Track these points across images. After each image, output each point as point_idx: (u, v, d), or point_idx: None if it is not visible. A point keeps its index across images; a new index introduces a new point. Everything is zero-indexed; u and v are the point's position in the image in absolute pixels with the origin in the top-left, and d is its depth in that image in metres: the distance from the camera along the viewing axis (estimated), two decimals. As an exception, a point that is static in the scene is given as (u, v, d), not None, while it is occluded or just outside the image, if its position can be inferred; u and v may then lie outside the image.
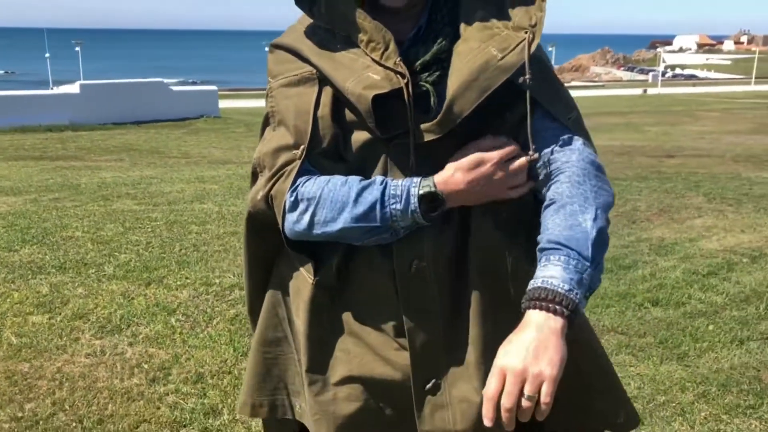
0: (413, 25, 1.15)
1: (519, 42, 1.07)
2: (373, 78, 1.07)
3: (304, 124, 1.14)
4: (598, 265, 1.05)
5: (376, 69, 1.09)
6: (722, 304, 3.83)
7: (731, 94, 49.71)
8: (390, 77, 1.07)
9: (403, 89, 1.06)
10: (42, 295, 3.95)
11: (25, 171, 12.03)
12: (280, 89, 1.19)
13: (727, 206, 6.64)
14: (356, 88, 1.07)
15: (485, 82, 1.05)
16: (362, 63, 1.10)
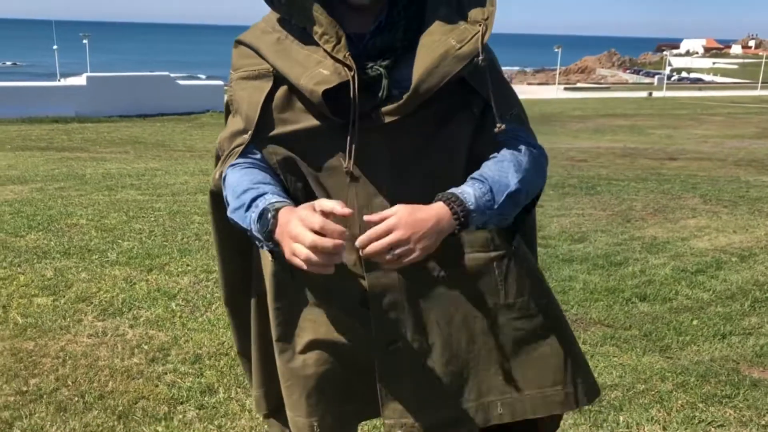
0: (375, 19, 1.26)
1: (474, 34, 1.21)
2: (323, 73, 1.19)
3: (253, 113, 1.26)
4: (500, 213, 1.22)
5: (327, 63, 1.20)
6: (708, 300, 3.93)
7: (737, 99, 49.65)
8: (339, 70, 1.19)
9: (350, 80, 1.18)
10: (47, 278, 4.07)
11: (32, 161, 12.16)
12: (238, 81, 1.32)
13: (722, 208, 6.73)
14: (308, 84, 1.20)
15: (445, 68, 1.19)
16: (314, 59, 1.22)
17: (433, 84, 1.19)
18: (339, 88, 1.19)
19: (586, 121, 29.66)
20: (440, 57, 1.19)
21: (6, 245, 4.76)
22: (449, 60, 1.19)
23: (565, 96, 53.55)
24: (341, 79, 1.18)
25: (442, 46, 1.20)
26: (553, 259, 4.70)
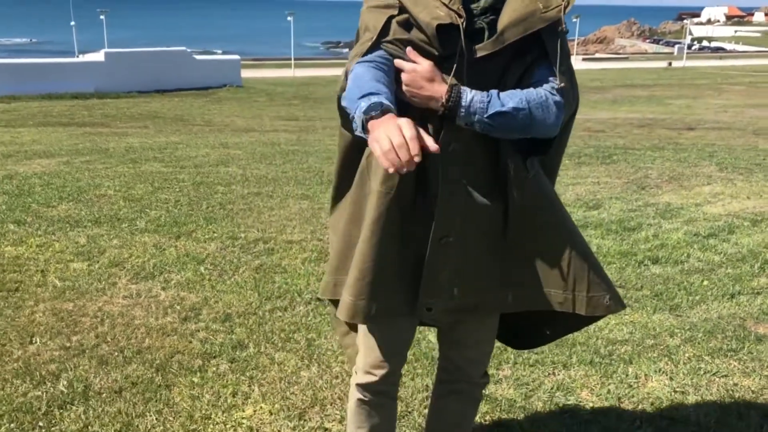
0: None
1: (557, 5, 1.52)
2: (438, 13, 1.50)
3: (377, 24, 1.57)
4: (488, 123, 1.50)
5: (443, 9, 1.51)
6: (719, 262, 4.03)
7: (759, 68, 48.83)
8: (452, 16, 1.50)
9: (460, 24, 1.49)
10: (80, 245, 4.25)
11: (55, 136, 12.39)
12: (368, 9, 1.63)
13: (738, 175, 6.79)
14: (426, 17, 1.51)
15: (528, 24, 1.50)
16: (434, 4, 1.52)
17: (516, 33, 1.50)
18: (448, 31, 1.49)
19: (604, 92, 29.39)
20: (527, 14, 1.50)
21: (39, 215, 4.95)
22: (534, 18, 1.50)
23: (584, 67, 52.91)
24: (452, 21, 1.49)
25: (531, 6, 1.51)
26: (567, 225, 4.80)
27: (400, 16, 1.55)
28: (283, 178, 6.53)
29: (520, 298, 1.70)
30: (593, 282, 1.67)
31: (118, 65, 27.59)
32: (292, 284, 3.63)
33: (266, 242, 4.36)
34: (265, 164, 7.45)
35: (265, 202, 5.43)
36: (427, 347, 2.88)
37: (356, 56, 1.58)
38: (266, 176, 6.60)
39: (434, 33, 1.50)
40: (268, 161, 7.70)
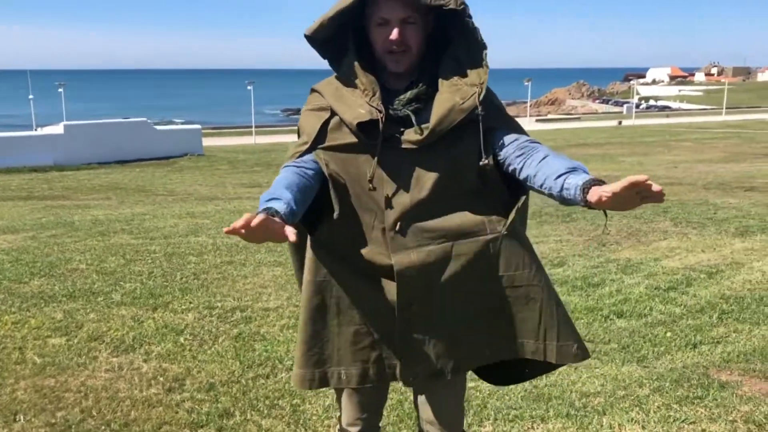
0: (408, 79, 1.81)
1: (472, 94, 1.75)
2: (360, 111, 1.74)
3: (312, 131, 1.82)
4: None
5: (365, 107, 1.75)
6: (680, 314, 4.23)
7: (704, 125, 50.85)
8: (372, 112, 1.73)
9: (379, 119, 1.72)
10: (57, 320, 4.27)
11: (16, 210, 12.27)
12: (306, 112, 1.88)
13: (692, 229, 7.10)
14: (350, 118, 1.75)
15: (451, 117, 1.73)
16: (358, 103, 1.76)
17: (443, 127, 1.73)
18: (374, 125, 1.72)
19: (559, 152, 30.17)
20: (449, 110, 1.74)
21: (12, 292, 4.94)
22: (455, 112, 1.73)
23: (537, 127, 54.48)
24: (372, 117, 1.73)
25: (450, 102, 1.74)
26: (535, 283, 4.98)
27: (333, 118, 1.80)
28: (254, 245, 6.62)
29: (496, 351, 1.85)
30: (562, 332, 1.82)
31: (78, 137, 27.52)
32: (272, 351, 3.70)
33: (243, 311, 4.43)
34: (234, 233, 7.52)
35: (239, 271, 5.51)
36: (409, 408, 2.98)
37: (291, 156, 1.82)
38: (237, 244, 6.68)
39: (357, 131, 1.74)
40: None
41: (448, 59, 1.80)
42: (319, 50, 1.83)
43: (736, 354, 3.56)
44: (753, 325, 4.01)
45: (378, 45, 1.78)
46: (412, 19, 1.75)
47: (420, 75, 1.80)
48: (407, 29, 1.75)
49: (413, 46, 1.77)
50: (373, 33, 1.78)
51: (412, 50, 1.77)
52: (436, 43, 1.83)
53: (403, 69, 1.79)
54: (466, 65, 1.78)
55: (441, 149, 1.76)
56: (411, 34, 1.76)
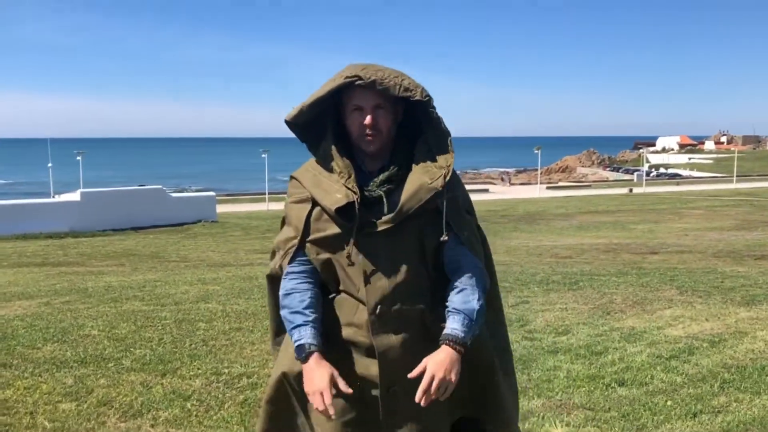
0: (382, 162, 2.03)
1: (439, 176, 1.96)
2: (336, 196, 1.93)
3: (299, 224, 2.02)
4: (478, 324, 1.95)
5: (341, 190, 1.94)
6: (681, 383, 4.27)
7: (715, 192, 51.08)
8: (347, 194, 1.93)
9: (355, 201, 1.91)
10: (68, 386, 4.36)
11: (31, 276, 12.46)
12: (290, 204, 2.08)
13: (697, 298, 7.14)
14: (328, 204, 1.95)
15: (419, 196, 1.93)
16: (335, 188, 1.96)
17: (412, 205, 1.93)
18: (351, 206, 1.91)
19: (570, 219, 30.38)
20: (417, 188, 1.94)
21: (25, 357, 5.05)
22: (423, 190, 1.93)
23: (548, 195, 54.83)
24: (349, 200, 1.92)
25: (419, 181, 1.95)
26: (538, 351, 5.04)
27: (314, 209, 1.99)
28: (263, 312, 6.71)
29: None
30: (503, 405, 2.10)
31: (94, 204, 28.07)
32: (277, 417, 3.76)
33: (249, 377, 4.51)
34: (243, 299, 7.64)
35: (247, 337, 5.60)
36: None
37: (284, 254, 2.04)
38: (246, 311, 6.79)
39: (335, 214, 1.93)
40: (247, 296, 7.89)
41: (421, 145, 2.02)
42: (299, 134, 2.05)
43: (735, 423, 3.59)
44: (754, 394, 4.04)
45: (353, 129, 2.00)
46: (382, 105, 1.98)
47: (392, 158, 2.03)
48: (379, 114, 1.98)
49: (384, 129, 2.00)
50: (348, 118, 2.01)
51: (383, 133, 2.00)
52: (407, 129, 2.05)
53: (375, 149, 2.00)
54: (435, 150, 2.00)
55: (412, 230, 1.96)
56: (382, 119, 1.99)
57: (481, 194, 52.72)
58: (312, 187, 2.01)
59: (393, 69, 1.99)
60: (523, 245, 17.98)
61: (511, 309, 6.61)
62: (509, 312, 6.46)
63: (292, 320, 1.96)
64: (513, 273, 9.60)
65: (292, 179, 2.11)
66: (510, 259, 13.72)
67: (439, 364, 1.85)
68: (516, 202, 44.17)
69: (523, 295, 7.48)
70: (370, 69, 1.96)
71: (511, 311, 6.50)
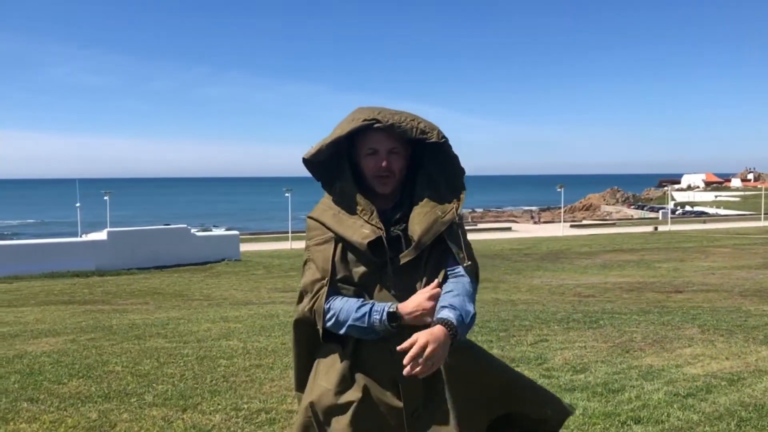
0: (393, 201, 2.15)
1: (451, 209, 2.08)
2: (365, 233, 2.03)
3: (326, 265, 2.09)
4: (468, 329, 2.00)
5: (366, 226, 2.04)
6: (697, 420, 4.26)
7: (742, 230, 50.41)
8: (374, 230, 2.03)
9: (382, 236, 2.02)
10: (92, 420, 4.47)
11: (58, 314, 12.68)
12: (314, 246, 2.15)
13: (719, 336, 7.09)
14: (358, 239, 2.03)
15: (435, 229, 2.05)
16: (359, 224, 2.06)
17: (428, 238, 2.04)
18: (379, 242, 2.02)
19: (594, 257, 30.11)
20: (432, 222, 2.05)
21: (51, 392, 5.18)
22: (438, 224, 2.05)
23: (572, 233, 54.49)
24: (376, 235, 2.02)
25: (433, 216, 2.06)
26: (555, 389, 5.05)
27: (336, 249, 2.06)
28: (283, 349, 6.80)
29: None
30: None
31: (120, 243, 28.47)
32: (294, 452, 3.83)
33: (268, 412, 4.58)
34: (264, 336, 7.73)
35: (266, 374, 5.68)
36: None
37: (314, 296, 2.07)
38: (266, 348, 6.87)
39: (367, 249, 2.01)
40: (268, 333, 7.99)
41: (425, 178, 2.12)
42: (314, 173, 2.14)
43: (750, 461, 3.58)
44: (771, 432, 4.02)
45: (368, 170, 2.10)
46: (397, 149, 2.09)
47: (402, 196, 2.14)
48: (392, 158, 2.08)
49: (397, 171, 2.10)
50: (363, 160, 2.10)
51: (396, 175, 2.10)
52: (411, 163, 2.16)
53: (389, 191, 2.11)
54: (444, 185, 2.11)
55: (429, 260, 2.07)
56: (396, 162, 2.09)
57: (504, 233, 52.58)
58: (335, 224, 2.08)
59: (407, 112, 2.09)
60: (546, 284, 17.90)
61: (530, 347, 6.62)
62: (528, 350, 6.48)
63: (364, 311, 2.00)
64: (534, 311, 9.60)
65: (310, 219, 2.17)
66: (532, 297, 13.68)
67: (433, 336, 1.87)
68: (539, 240, 43.95)
69: (542, 333, 7.48)
70: (386, 112, 2.05)
71: (529, 349, 6.52)
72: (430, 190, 2.10)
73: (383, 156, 2.07)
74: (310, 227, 2.17)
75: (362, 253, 2.02)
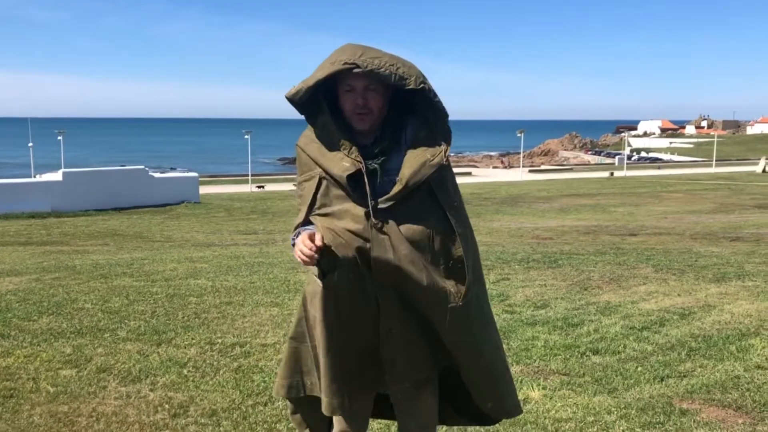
0: (372, 136, 2.19)
1: (440, 152, 2.12)
2: (345, 166, 2.09)
3: (308, 197, 2.18)
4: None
5: (347, 159, 2.10)
6: (651, 351, 4.52)
7: (694, 176, 51.73)
8: (354, 163, 2.09)
9: (362, 169, 2.07)
10: (67, 354, 4.53)
11: (17, 255, 12.52)
12: (300, 182, 2.25)
13: (672, 275, 7.42)
14: (338, 171, 2.10)
15: (424, 171, 2.08)
16: (339, 157, 2.12)
17: (416, 180, 2.07)
18: (358, 175, 2.08)
19: (551, 202, 30.68)
20: (421, 165, 2.09)
21: (21, 328, 5.21)
22: (426, 167, 2.08)
23: (531, 178, 55.21)
24: (356, 168, 2.07)
25: (422, 158, 2.10)
26: (518, 323, 5.28)
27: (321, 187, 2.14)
28: (252, 288, 6.90)
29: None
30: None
31: (76, 184, 27.93)
32: (270, 382, 3.97)
33: (242, 346, 4.70)
34: (232, 276, 7.81)
35: (238, 311, 5.79)
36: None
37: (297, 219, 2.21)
38: (235, 287, 6.97)
39: (345, 182, 2.07)
40: (235, 273, 8.07)
41: (418, 123, 2.16)
42: (297, 108, 2.18)
43: (699, 386, 3.84)
44: (718, 361, 4.30)
45: (346, 107, 2.15)
46: (374, 86, 2.13)
47: (383, 131, 2.17)
48: (369, 95, 2.13)
49: (375, 109, 2.15)
50: (342, 97, 2.16)
51: (374, 113, 2.15)
52: (397, 104, 2.20)
53: (366, 127, 2.16)
54: (433, 128, 2.14)
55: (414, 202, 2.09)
56: (373, 100, 2.14)
57: (464, 177, 52.99)
58: (319, 156, 2.15)
59: (389, 55, 2.10)
60: (505, 227, 18.26)
61: (492, 285, 6.84)
62: (491, 288, 6.69)
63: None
64: (494, 252, 9.85)
65: (298, 149, 2.25)
66: (492, 239, 13.97)
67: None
68: (498, 185, 44.48)
69: (504, 272, 7.72)
70: (367, 56, 2.06)
71: (492, 287, 6.73)
72: (423, 134, 2.14)
73: (359, 94, 2.12)
74: (300, 160, 2.25)
75: (343, 186, 2.08)
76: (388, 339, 2.13)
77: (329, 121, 2.14)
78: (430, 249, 2.09)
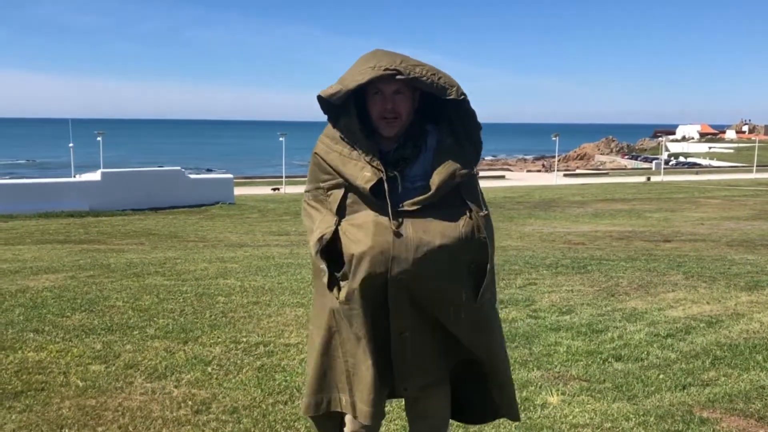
0: (395, 143, 2.19)
1: (469, 162, 2.15)
2: (367, 175, 2.10)
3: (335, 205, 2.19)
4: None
5: (368, 168, 2.10)
6: (675, 358, 4.48)
7: (733, 182, 50.68)
8: (375, 172, 2.09)
9: (382, 178, 2.08)
10: (97, 350, 4.66)
11: (55, 253, 12.83)
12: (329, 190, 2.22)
13: (702, 282, 7.32)
14: (360, 183, 2.10)
15: (453, 181, 2.11)
16: (360, 166, 2.11)
17: (445, 190, 2.10)
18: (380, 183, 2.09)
19: (586, 206, 30.35)
20: (450, 174, 2.11)
21: (55, 324, 5.37)
22: (456, 177, 2.11)
23: (565, 182, 54.67)
24: (377, 177, 2.08)
25: (452, 167, 2.12)
26: (541, 328, 5.27)
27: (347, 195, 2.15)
28: (279, 288, 7.00)
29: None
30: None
31: (114, 184, 28.49)
32: (291, 381, 4.04)
33: (266, 345, 4.78)
34: (261, 276, 7.92)
35: (264, 310, 5.88)
36: None
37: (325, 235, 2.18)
38: (263, 287, 7.06)
39: (368, 193, 2.08)
40: (264, 273, 8.18)
41: (440, 129, 2.18)
42: (324, 108, 2.18)
43: (721, 395, 3.80)
44: (743, 370, 4.25)
45: (373, 111, 2.14)
46: (402, 90, 2.12)
47: (405, 139, 2.17)
48: (397, 99, 2.12)
49: (403, 113, 2.14)
50: (369, 101, 2.14)
51: (402, 117, 2.14)
52: (422, 112, 2.20)
53: (394, 134, 2.15)
54: (463, 138, 2.16)
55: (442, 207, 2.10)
56: (401, 104, 2.13)
57: (497, 181, 52.74)
58: (340, 166, 2.14)
59: (428, 65, 2.11)
60: (537, 231, 18.13)
61: (518, 290, 6.83)
62: (516, 292, 6.69)
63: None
64: (523, 257, 9.81)
65: (315, 156, 2.23)
66: (522, 244, 13.91)
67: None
68: (532, 189, 44.14)
69: (531, 277, 7.69)
70: (407, 63, 2.06)
71: (518, 292, 6.73)
72: (451, 138, 2.15)
73: (388, 97, 2.10)
74: (320, 167, 2.22)
75: (365, 196, 2.09)
76: (400, 342, 2.15)
77: (354, 123, 2.13)
78: (451, 254, 2.08)
